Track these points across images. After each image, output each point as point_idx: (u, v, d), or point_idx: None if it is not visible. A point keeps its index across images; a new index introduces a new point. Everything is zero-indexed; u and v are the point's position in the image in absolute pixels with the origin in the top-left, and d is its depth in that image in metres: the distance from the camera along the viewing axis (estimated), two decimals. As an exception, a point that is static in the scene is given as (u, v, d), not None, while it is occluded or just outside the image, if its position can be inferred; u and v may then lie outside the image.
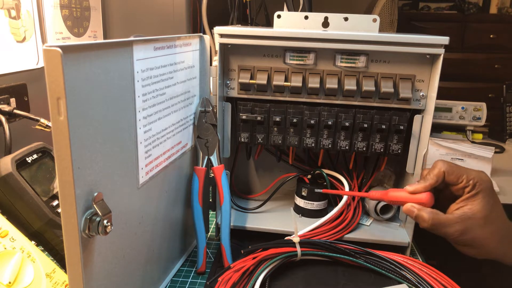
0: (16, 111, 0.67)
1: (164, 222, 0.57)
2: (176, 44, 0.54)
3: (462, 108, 1.17)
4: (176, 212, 0.61)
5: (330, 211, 0.68)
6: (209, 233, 0.72)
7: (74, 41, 0.91)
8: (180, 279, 0.60)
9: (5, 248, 0.45)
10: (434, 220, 0.54)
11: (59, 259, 0.51)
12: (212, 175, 0.63)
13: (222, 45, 0.63)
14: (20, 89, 0.74)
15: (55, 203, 0.52)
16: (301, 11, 1.00)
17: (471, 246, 0.55)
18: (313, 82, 0.63)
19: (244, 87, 0.65)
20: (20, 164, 0.51)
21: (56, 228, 0.51)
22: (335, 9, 0.73)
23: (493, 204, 0.55)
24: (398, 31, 1.73)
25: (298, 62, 0.63)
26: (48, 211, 0.51)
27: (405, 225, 0.70)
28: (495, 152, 1.21)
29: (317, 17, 0.67)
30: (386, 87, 0.62)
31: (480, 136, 1.23)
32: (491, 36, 2.18)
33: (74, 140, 0.34)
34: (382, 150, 0.65)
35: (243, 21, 1.18)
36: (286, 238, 0.62)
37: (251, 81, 0.64)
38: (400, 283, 0.58)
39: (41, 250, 0.49)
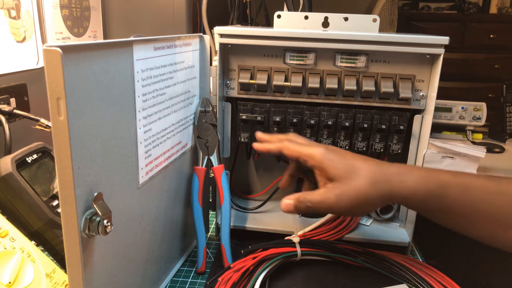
0: (16, 111, 0.67)
1: (164, 222, 0.57)
2: (176, 44, 0.54)
3: (462, 108, 1.17)
4: (176, 212, 0.61)
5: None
6: (209, 233, 0.72)
7: (74, 41, 0.91)
8: (180, 279, 0.60)
9: (5, 248, 0.45)
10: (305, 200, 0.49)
11: (59, 259, 0.51)
12: (212, 175, 0.63)
13: (222, 45, 0.63)
14: (20, 89, 0.74)
15: (55, 203, 0.52)
16: (301, 11, 1.00)
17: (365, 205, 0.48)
18: (313, 82, 0.63)
19: (244, 87, 0.65)
20: (20, 164, 0.51)
21: (56, 228, 0.51)
22: (335, 9, 0.73)
23: (341, 159, 0.48)
24: (398, 31, 1.73)
25: (298, 62, 0.63)
26: (48, 211, 0.51)
27: (405, 225, 0.70)
28: (496, 152, 1.22)
29: (317, 17, 0.67)
30: (386, 87, 0.62)
31: (480, 136, 1.24)
32: (491, 36, 2.18)
33: (74, 140, 0.34)
34: (382, 150, 0.65)
35: (243, 21, 1.18)
36: (286, 238, 0.62)
37: (251, 81, 0.64)
38: (400, 283, 0.58)
39: (41, 250, 0.49)
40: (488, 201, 0.46)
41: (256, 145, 0.57)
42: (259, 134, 0.58)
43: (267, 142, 0.57)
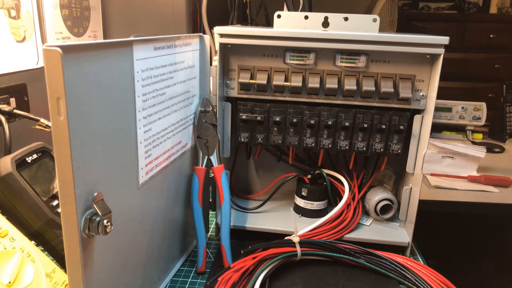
0: (16, 111, 0.67)
1: (164, 222, 0.57)
2: (176, 44, 0.54)
3: (462, 108, 1.17)
4: (176, 212, 0.61)
5: (330, 211, 0.68)
6: (209, 233, 0.72)
7: (74, 41, 0.91)
8: (180, 279, 0.60)
9: (5, 248, 0.45)
10: None
11: (59, 259, 0.51)
12: (212, 175, 0.63)
13: (222, 45, 0.63)
14: (20, 89, 0.74)
15: (55, 203, 0.52)
16: (301, 11, 1.00)
17: None
18: (313, 82, 0.63)
19: (244, 87, 0.65)
20: (20, 164, 0.51)
21: (56, 228, 0.51)
22: (335, 9, 0.73)
23: None
24: (398, 31, 1.73)
25: (298, 62, 0.63)
26: (48, 211, 0.51)
27: (405, 225, 0.70)
28: (496, 152, 1.22)
29: (317, 17, 0.67)
30: (386, 87, 0.62)
31: (480, 136, 1.24)
32: (491, 36, 2.18)
33: (74, 140, 0.34)
34: (382, 150, 0.65)
35: (243, 21, 1.18)
36: (286, 238, 0.62)
37: (251, 81, 0.64)
38: (400, 282, 0.58)
39: (41, 250, 0.49)
40: None
41: None
42: None
43: None
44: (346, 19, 0.66)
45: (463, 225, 1.24)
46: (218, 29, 0.62)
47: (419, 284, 0.56)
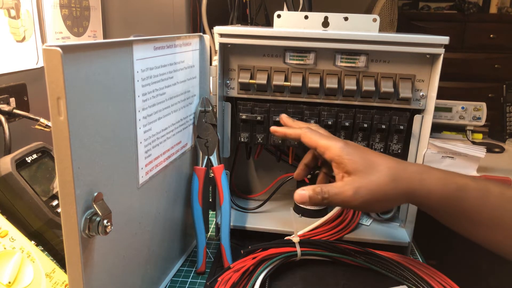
0: (15, 111, 0.67)
1: (164, 222, 0.57)
2: (176, 44, 0.54)
3: (462, 108, 1.17)
4: (176, 212, 0.61)
5: (330, 211, 0.68)
6: (209, 233, 0.72)
7: (74, 40, 0.91)
8: (180, 279, 0.60)
9: (5, 248, 0.45)
10: (324, 192, 0.48)
11: (59, 259, 0.51)
12: (212, 175, 0.63)
13: (222, 45, 0.63)
14: (20, 89, 0.74)
15: (55, 203, 0.52)
16: (301, 10, 1.00)
17: (377, 202, 0.48)
18: (313, 82, 0.63)
19: (244, 87, 0.65)
20: (20, 164, 0.51)
21: (56, 228, 0.51)
22: (335, 9, 0.73)
23: (360, 154, 0.49)
24: (398, 31, 1.73)
25: (298, 62, 0.63)
26: (48, 211, 0.51)
27: (405, 225, 0.70)
28: (496, 152, 1.22)
29: (317, 17, 0.66)
30: (386, 87, 0.62)
31: (480, 136, 1.24)
32: (491, 36, 2.18)
33: (74, 140, 0.34)
34: (382, 150, 0.65)
35: (243, 21, 1.18)
36: (286, 238, 0.62)
37: (251, 81, 0.64)
38: (400, 283, 0.58)
39: (41, 250, 0.49)
40: (506, 208, 0.46)
41: (273, 128, 0.57)
42: (284, 118, 0.58)
43: (288, 127, 0.56)
44: (346, 19, 0.66)
45: (463, 225, 1.24)
46: (218, 29, 0.62)
47: (418, 285, 0.56)
